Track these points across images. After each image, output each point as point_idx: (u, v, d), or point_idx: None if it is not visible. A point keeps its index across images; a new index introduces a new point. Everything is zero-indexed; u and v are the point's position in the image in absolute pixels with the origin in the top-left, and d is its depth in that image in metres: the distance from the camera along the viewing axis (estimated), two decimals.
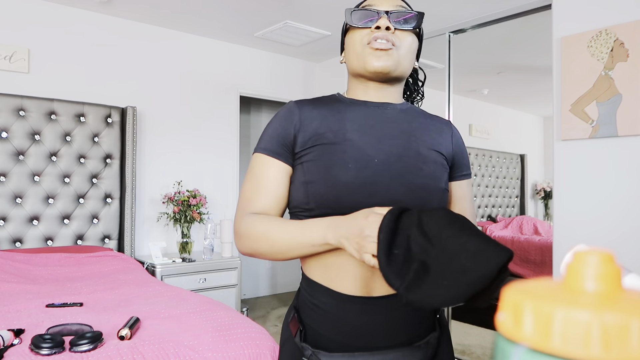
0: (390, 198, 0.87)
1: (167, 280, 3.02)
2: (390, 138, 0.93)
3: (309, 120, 0.93)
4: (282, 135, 0.92)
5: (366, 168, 0.88)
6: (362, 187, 0.87)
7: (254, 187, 0.93)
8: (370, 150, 0.90)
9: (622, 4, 2.37)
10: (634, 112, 2.32)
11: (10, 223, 2.85)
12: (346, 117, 0.94)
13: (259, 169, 0.93)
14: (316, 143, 0.91)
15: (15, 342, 1.51)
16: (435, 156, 0.95)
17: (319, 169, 0.89)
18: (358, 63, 0.93)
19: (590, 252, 0.28)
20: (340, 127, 0.92)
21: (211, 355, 1.54)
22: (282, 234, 0.85)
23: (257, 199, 0.92)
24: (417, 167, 0.91)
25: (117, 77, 3.38)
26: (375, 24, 0.91)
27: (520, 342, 0.26)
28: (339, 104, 0.97)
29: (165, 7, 3.21)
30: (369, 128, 0.93)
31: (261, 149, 0.94)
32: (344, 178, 0.87)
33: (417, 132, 0.96)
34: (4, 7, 2.96)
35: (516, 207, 5.06)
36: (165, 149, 3.58)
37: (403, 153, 0.92)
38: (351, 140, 0.91)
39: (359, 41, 0.92)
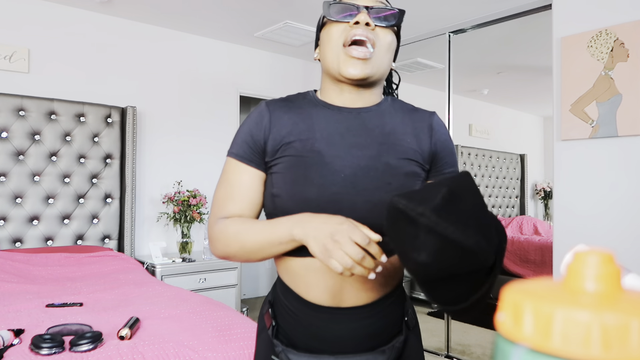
0: (355, 216, 0.85)
1: (167, 280, 3.01)
2: (359, 148, 0.89)
3: (278, 128, 0.90)
4: (252, 142, 0.91)
5: (332, 184, 0.86)
6: (328, 203, 0.86)
7: (227, 193, 0.92)
8: (338, 163, 0.88)
9: (622, 4, 2.37)
10: (634, 112, 2.32)
11: (10, 223, 2.85)
12: (316, 123, 0.91)
13: (232, 175, 0.92)
14: (284, 154, 0.89)
15: (15, 342, 1.51)
16: (407, 166, 0.91)
17: (285, 183, 0.88)
18: (333, 65, 0.89)
19: (590, 252, 0.28)
20: (309, 136, 0.89)
21: (211, 355, 1.54)
22: (252, 234, 0.85)
23: (230, 205, 0.91)
24: (385, 182, 0.88)
25: (117, 77, 3.38)
26: (354, 19, 0.86)
27: (520, 342, 0.26)
28: (310, 107, 0.94)
29: (165, 7, 3.21)
30: (338, 137, 0.90)
31: (233, 154, 0.92)
32: (309, 195, 0.86)
33: (389, 139, 0.91)
34: (4, 7, 2.96)
35: (516, 207, 5.06)
36: (165, 148, 3.58)
37: (371, 166, 0.88)
38: (319, 153, 0.88)
39: (336, 40, 0.88)
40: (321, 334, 0.90)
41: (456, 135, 3.69)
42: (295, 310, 0.91)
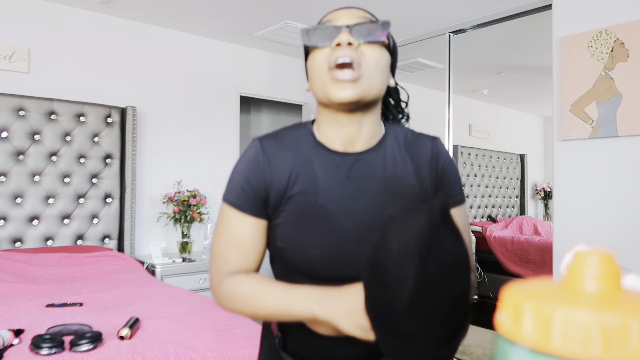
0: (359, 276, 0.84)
1: (167, 280, 3.01)
2: (362, 200, 0.85)
3: (279, 179, 0.85)
4: (252, 191, 0.86)
5: (336, 241, 0.84)
6: (332, 260, 0.85)
7: (228, 245, 0.87)
8: (342, 218, 0.85)
9: (622, 4, 2.37)
10: (634, 112, 2.32)
11: (10, 223, 2.85)
12: (317, 172, 0.86)
13: (232, 224, 0.87)
14: (285, 207, 0.86)
15: (15, 342, 1.51)
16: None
17: (288, 239, 0.86)
18: (321, 93, 0.83)
19: (590, 252, 0.28)
20: (312, 189, 0.85)
21: (211, 355, 1.54)
22: (268, 300, 0.81)
23: (232, 258, 0.87)
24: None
25: (117, 77, 3.38)
26: (335, 40, 0.80)
27: (520, 343, 0.26)
28: (309, 150, 0.87)
29: (165, 7, 3.21)
30: (340, 189, 0.85)
31: (233, 204, 0.87)
32: (313, 253, 0.84)
33: (393, 184, 0.87)
34: (4, 7, 2.96)
35: (516, 207, 5.06)
36: (165, 148, 3.58)
37: (375, 220, 0.85)
38: (322, 208, 0.85)
39: (320, 65, 0.81)
40: (329, 354, 0.91)
41: (456, 135, 3.69)
42: (301, 334, 0.91)
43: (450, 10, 3.18)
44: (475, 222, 5.56)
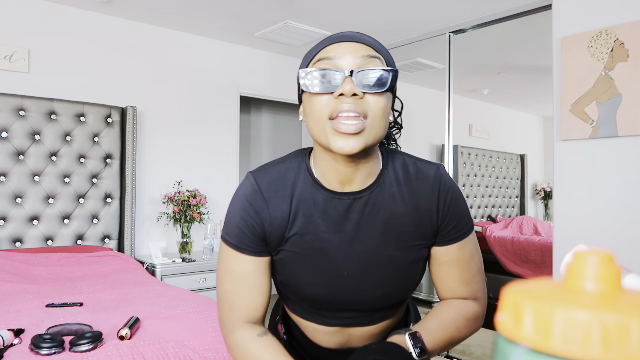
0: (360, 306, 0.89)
1: (167, 280, 3.01)
2: (361, 242, 0.84)
3: (279, 221, 0.83)
4: (250, 231, 0.84)
5: (335, 283, 0.86)
6: (331, 297, 0.88)
7: (235, 288, 0.86)
8: (340, 261, 0.84)
9: (622, 4, 2.37)
10: (634, 112, 2.32)
11: (10, 223, 2.85)
12: (315, 214, 0.83)
13: (234, 266, 0.86)
14: (285, 248, 0.85)
15: (15, 342, 1.51)
16: (409, 254, 0.86)
17: (288, 276, 0.88)
18: (320, 139, 0.77)
19: (590, 252, 0.28)
20: (310, 231, 0.83)
21: (211, 355, 1.54)
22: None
23: (240, 301, 0.86)
24: (388, 275, 0.86)
25: (117, 76, 3.38)
26: (338, 90, 0.73)
27: (520, 343, 0.26)
28: (307, 191, 0.84)
29: (165, 7, 3.21)
30: (338, 231, 0.83)
31: (234, 245, 0.85)
32: (311, 292, 0.87)
33: (391, 227, 0.84)
34: (4, 7, 2.96)
35: (516, 207, 5.06)
36: (165, 148, 3.58)
37: (374, 261, 0.84)
38: (320, 250, 0.84)
39: (320, 113, 0.75)
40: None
41: (456, 135, 3.69)
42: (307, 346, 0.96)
43: (450, 10, 3.18)
44: (475, 222, 5.56)
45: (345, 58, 0.75)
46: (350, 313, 0.90)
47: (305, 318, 0.93)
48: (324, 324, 0.92)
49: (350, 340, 0.94)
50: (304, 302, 0.90)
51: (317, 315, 0.91)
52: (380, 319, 0.92)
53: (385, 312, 0.92)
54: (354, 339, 0.94)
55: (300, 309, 0.93)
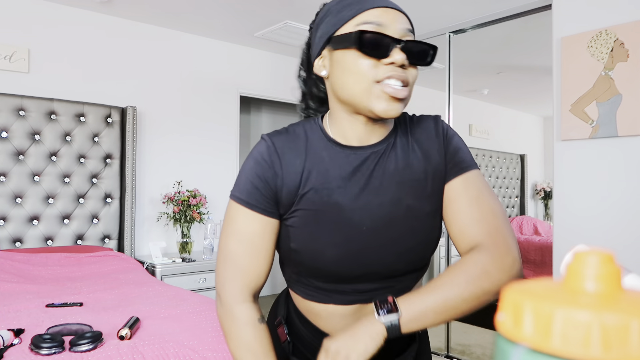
0: (381, 265, 0.84)
1: (167, 280, 3.01)
2: (378, 193, 0.83)
3: (292, 176, 0.82)
4: (265, 189, 0.83)
5: (354, 240, 0.82)
6: (350, 259, 0.82)
7: (241, 248, 0.84)
8: (358, 215, 0.82)
9: (622, 4, 2.37)
10: (634, 112, 2.32)
11: (10, 223, 2.85)
12: (330, 169, 0.83)
13: (241, 224, 0.84)
14: (299, 207, 0.83)
15: (15, 342, 1.51)
16: (427, 205, 0.85)
17: (304, 240, 0.83)
18: (360, 100, 0.78)
19: (590, 252, 0.28)
20: (325, 185, 0.82)
21: (211, 355, 1.54)
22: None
23: (246, 263, 0.84)
24: (409, 227, 0.84)
25: (117, 77, 3.38)
26: (389, 58, 0.76)
27: (520, 342, 0.26)
28: (320, 147, 0.85)
29: (165, 7, 3.21)
30: (354, 184, 0.83)
31: (243, 202, 0.84)
32: (331, 252, 0.82)
33: (407, 173, 0.85)
34: (4, 7, 2.96)
35: (516, 207, 5.06)
36: (165, 148, 3.58)
37: (394, 213, 0.83)
38: (337, 205, 0.82)
39: (366, 73, 0.77)
40: None
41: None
42: (315, 340, 0.90)
43: (450, 10, 3.18)
44: None
45: (393, 26, 0.78)
46: (369, 283, 0.85)
47: (319, 300, 0.87)
48: (341, 302, 0.86)
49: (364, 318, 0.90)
50: (321, 273, 0.84)
51: (334, 292, 0.86)
52: (400, 291, 0.86)
53: (405, 281, 0.87)
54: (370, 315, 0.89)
55: (314, 290, 0.87)
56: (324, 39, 0.82)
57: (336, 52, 0.80)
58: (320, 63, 0.84)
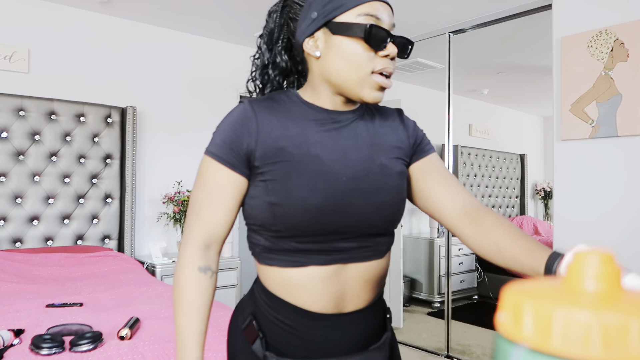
0: (360, 218, 0.85)
1: (167, 280, 3.02)
2: (354, 150, 0.88)
3: (267, 130, 0.85)
4: (237, 145, 0.85)
5: (335, 188, 0.84)
6: (333, 209, 0.83)
7: (205, 197, 0.87)
8: (337, 166, 0.85)
9: (622, 4, 2.37)
10: (634, 112, 2.32)
11: (10, 223, 2.85)
12: (308, 127, 0.87)
13: (211, 177, 0.87)
14: (278, 159, 0.84)
15: (15, 342, 1.51)
16: (397, 165, 0.92)
17: (285, 191, 0.83)
18: (352, 86, 0.85)
19: (590, 252, 0.28)
20: (304, 140, 0.85)
21: (211, 355, 1.54)
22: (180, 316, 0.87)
23: (207, 211, 0.87)
24: (383, 183, 0.88)
25: (117, 77, 3.38)
26: (385, 51, 0.83)
27: (520, 342, 0.26)
28: (298, 109, 0.89)
29: (165, 7, 3.21)
30: (331, 140, 0.87)
31: (214, 155, 0.86)
32: (313, 201, 0.82)
33: (376, 139, 0.92)
34: (4, 7, 2.96)
35: (516, 207, 5.06)
36: (165, 149, 3.58)
37: (369, 168, 0.88)
38: (317, 157, 0.85)
39: (362, 64, 0.83)
40: (320, 342, 0.88)
41: (456, 135, 3.69)
42: (291, 322, 0.87)
43: (450, 10, 3.18)
44: None
45: (387, 20, 0.85)
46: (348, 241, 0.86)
47: (297, 264, 0.85)
48: (320, 263, 0.85)
49: (345, 292, 0.88)
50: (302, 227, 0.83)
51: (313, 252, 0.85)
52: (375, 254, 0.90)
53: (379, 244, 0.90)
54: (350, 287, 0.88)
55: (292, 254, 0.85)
56: (321, 21, 0.85)
57: (335, 37, 0.84)
58: (312, 43, 0.87)
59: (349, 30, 0.82)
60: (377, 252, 0.91)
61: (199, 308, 0.86)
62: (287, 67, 0.95)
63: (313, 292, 0.86)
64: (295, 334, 0.88)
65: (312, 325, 0.87)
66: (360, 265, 0.89)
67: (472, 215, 0.88)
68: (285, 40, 0.94)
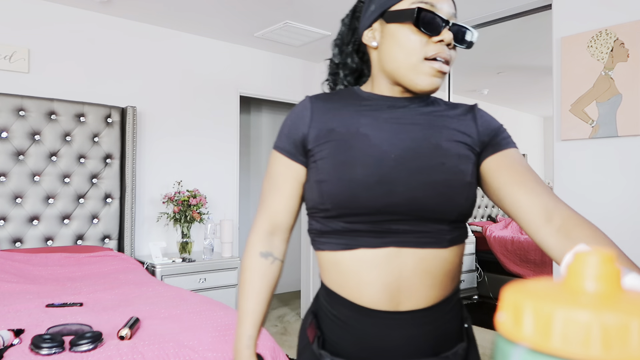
0: (409, 196, 0.81)
1: (167, 280, 3.02)
2: (407, 132, 0.86)
3: (320, 114, 0.89)
4: (294, 134, 0.90)
5: (382, 164, 0.82)
6: (379, 185, 0.81)
7: (269, 187, 0.94)
8: (386, 145, 0.84)
9: (622, 4, 2.37)
10: (634, 112, 2.32)
11: (10, 223, 2.85)
12: (360, 110, 0.89)
13: (274, 168, 0.93)
14: (328, 139, 0.86)
15: (15, 342, 1.51)
16: (457, 148, 0.86)
17: (332, 167, 0.83)
18: (405, 72, 0.85)
19: (590, 252, 0.28)
20: (353, 122, 0.87)
21: (211, 355, 1.54)
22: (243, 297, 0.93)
23: (271, 200, 0.94)
24: (438, 162, 0.84)
25: (117, 77, 3.38)
26: (439, 36, 0.82)
27: (520, 342, 0.26)
28: (355, 97, 0.92)
29: (166, 7, 3.21)
30: (383, 122, 0.87)
31: (277, 147, 0.93)
32: (358, 175, 0.81)
33: (436, 123, 0.88)
34: (4, 7, 2.96)
35: None
36: (165, 148, 3.58)
37: (421, 147, 0.84)
38: (365, 135, 0.85)
39: (415, 50, 0.83)
40: (375, 343, 0.83)
41: None
42: (345, 318, 0.85)
43: None
44: (475, 222, 5.56)
45: (443, 7, 0.84)
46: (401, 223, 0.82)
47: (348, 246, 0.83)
48: (370, 245, 0.82)
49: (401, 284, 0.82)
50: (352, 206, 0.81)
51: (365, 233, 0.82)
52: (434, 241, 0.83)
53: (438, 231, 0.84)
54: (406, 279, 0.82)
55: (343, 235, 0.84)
56: (377, 12, 0.88)
57: (389, 26, 0.86)
58: (371, 35, 0.90)
59: (401, 17, 0.84)
60: (438, 240, 0.84)
61: (256, 290, 0.92)
62: (357, 68, 0.99)
63: (362, 281, 0.83)
64: (350, 331, 0.85)
65: (365, 321, 0.84)
66: (417, 252, 0.83)
67: (557, 223, 0.75)
68: (357, 43, 0.97)
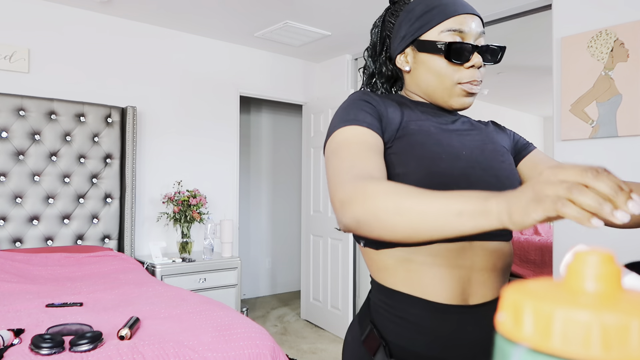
0: (485, 189, 0.82)
1: (167, 280, 3.02)
2: (466, 134, 0.93)
3: (389, 111, 0.89)
4: (372, 110, 0.85)
5: (458, 159, 0.86)
6: (457, 178, 0.83)
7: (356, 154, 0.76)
8: (456, 144, 0.89)
9: (622, 4, 2.37)
10: (634, 112, 2.32)
11: (10, 223, 2.85)
12: (423, 113, 0.93)
13: (359, 137, 0.80)
14: (404, 134, 0.86)
15: (15, 342, 1.51)
16: (505, 150, 0.97)
17: (412, 160, 0.83)
18: (440, 96, 0.91)
19: (590, 252, 0.28)
20: (423, 121, 0.91)
21: (211, 355, 1.54)
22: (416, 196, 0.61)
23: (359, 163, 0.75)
24: (498, 160, 0.92)
25: (117, 77, 3.38)
26: (470, 62, 0.87)
27: (520, 342, 0.26)
28: (407, 101, 0.96)
29: (166, 7, 3.21)
30: (443, 125, 0.93)
31: (353, 121, 0.81)
32: (439, 169, 0.82)
33: (481, 130, 0.97)
34: (4, 7, 2.96)
35: None
36: (165, 148, 3.58)
37: (484, 147, 0.92)
38: (436, 135, 0.88)
39: (450, 76, 0.88)
40: (448, 340, 0.82)
41: None
42: (415, 318, 0.82)
43: None
44: None
45: (472, 32, 0.88)
46: None
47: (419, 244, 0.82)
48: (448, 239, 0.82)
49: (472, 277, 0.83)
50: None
51: None
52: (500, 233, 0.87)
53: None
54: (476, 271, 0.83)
55: None
56: (408, 40, 0.92)
57: (421, 54, 0.90)
58: (403, 59, 0.94)
59: (432, 48, 0.88)
60: (503, 233, 0.88)
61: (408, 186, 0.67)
62: (392, 75, 1.02)
63: (438, 275, 0.82)
64: (422, 332, 0.82)
65: (438, 318, 0.81)
66: (486, 245, 0.85)
67: None
68: (389, 51, 1.00)
